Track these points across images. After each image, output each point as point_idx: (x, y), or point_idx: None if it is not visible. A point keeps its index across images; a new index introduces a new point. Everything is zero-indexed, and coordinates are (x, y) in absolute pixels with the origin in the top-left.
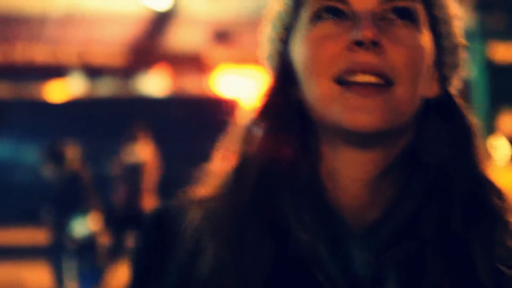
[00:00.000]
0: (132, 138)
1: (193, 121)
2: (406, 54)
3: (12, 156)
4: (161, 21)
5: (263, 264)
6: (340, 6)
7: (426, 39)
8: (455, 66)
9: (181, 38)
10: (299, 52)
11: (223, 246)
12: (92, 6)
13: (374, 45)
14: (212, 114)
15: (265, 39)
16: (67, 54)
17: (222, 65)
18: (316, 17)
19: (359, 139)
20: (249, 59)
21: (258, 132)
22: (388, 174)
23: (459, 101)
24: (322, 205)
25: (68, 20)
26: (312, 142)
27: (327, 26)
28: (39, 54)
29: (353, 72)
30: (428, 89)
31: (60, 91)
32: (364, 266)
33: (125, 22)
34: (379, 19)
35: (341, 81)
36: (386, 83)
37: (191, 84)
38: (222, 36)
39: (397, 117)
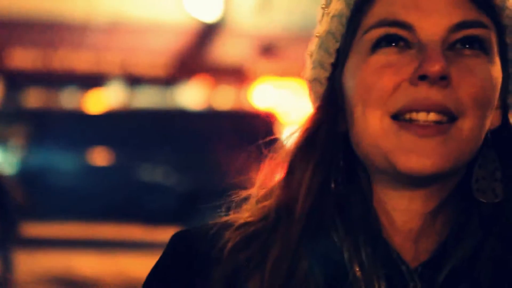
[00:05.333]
0: None
1: (231, 135)
2: (476, 86)
3: (49, 163)
4: (207, 33)
5: None
6: (405, 34)
7: (496, 69)
8: None
9: (225, 50)
10: (353, 80)
11: (273, 278)
12: (138, 15)
13: (442, 79)
14: (250, 128)
15: (312, 60)
16: (109, 62)
17: (264, 78)
18: (377, 44)
19: (412, 180)
20: (292, 72)
21: (302, 164)
22: (442, 209)
23: None
24: (378, 241)
25: (112, 28)
26: (361, 175)
27: (389, 55)
28: (81, 62)
29: (414, 109)
30: (491, 120)
31: (100, 100)
32: None
33: (171, 32)
34: (447, 49)
35: (399, 118)
36: (449, 119)
37: (231, 97)
38: (267, 49)
39: (459, 157)
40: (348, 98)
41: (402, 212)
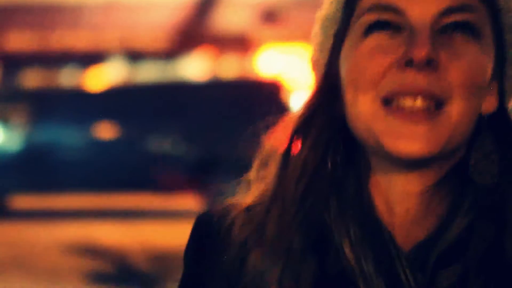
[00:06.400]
0: None
1: (236, 105)
2: (464, 70)
3: (56, 139)
4: (207, 4)
5: (306, 278)
6: (396, 19)
7: (487, 53)
8: None
9: (227, 18)
10: (347, 63)
11: (267, 257)
12: None
13: (428, 64)
14: (257, 96)
15: (314, 43)
16: (108, 40)
17: (268, 44)
18: (370, 28)
19: (404, 162)
20: (296, 37)
21: (299, 144)
22: (437, 189)
23: None
24: (370, 221)
25: (109, 7)
26: (359, 155)
27: (381, 39)
28: (79, 41)
29: (401, 94)
30: (485, 104)
31: (101, 77)
32: (412, 285)
33: (170, 5)
34: (438, 33)
35: (388, 103)
36: (437, 105)
37: (235, 66)
38: (270, 15)
39: (448, 140)
40: (343, 81)
41: (398, 193)
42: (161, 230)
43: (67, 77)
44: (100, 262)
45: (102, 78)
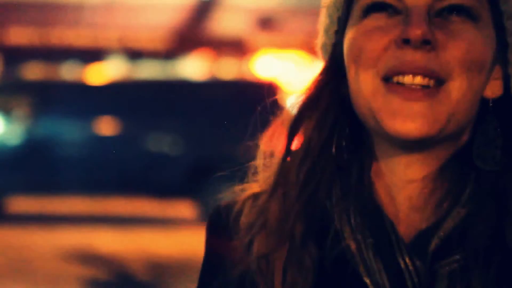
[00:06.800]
0: None
1: (232, 105)
2: (462, 49)
3: (54, 134)
4: (205, 8)
5: (308, 263)
6: (393, 2)
7: (485, 34)
8: None
9: (224, 24)
10: (347, 42)
11: (271, 241)
12: None
13: (425, 43)
14: (253, 96)
15: (321, 29)
16: (108, 38)
17: (263, 50)
18: (368, 10)
19: (402, 143)
20: (290, 44)
21: (304, 124)
22: (439, 176)
23: None
24: (371, 209)
25: (109, 7)
26: (364, 140)
27: (379, 19)
28: (79, 38)
29: (400, 72)
30: (489, 88)
31: (100, 73)
32: (412, 272)
33: (169, 8)
34: (434, 15)
35: (388, 80)
36: (436, 83)
37: (232, 69)
38: (266, 22)
39: (448, 120)
40: (345, 60)
41: (400, 180)
42: (158, 237)
43: (67, 72)
44: (97, 269)
45: (101, 75)
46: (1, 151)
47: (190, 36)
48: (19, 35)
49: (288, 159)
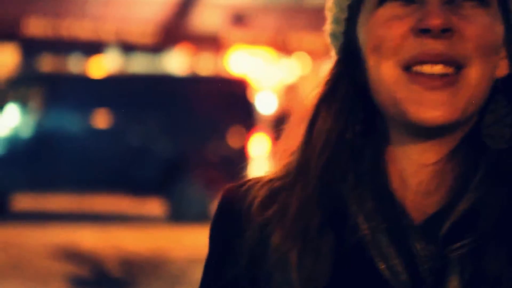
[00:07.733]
0: None
1: (208, 99)
2: (478, 35)
3: (57, 125)
4: (186, 3)
5: (326, 252)
6: None
7: (497, 20)
8: None
9: (203, 19)
10: (364, 32)
11: (289, 237)
12: None
13: (443, 31)
14: (226, 93)
15: (329, 16)
16: (107, 31)
17: (236, 46)
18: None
19: (423, 130)
20: (260, 41)
21: (323, 115)
22: (450, 159)
23: None
24: (384, 194)
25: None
26: (378, 126)
27: (394, 8)
28: (84, 30)
29: (421, 61)
30: (498, 69)
31: (99, 66)
32: (424, 257)
33: (156, 3)
34: (446, 2)
35: (409, 69)
36: (456, 69)
37: (209, 63)
38: (239, 18)
39: (467, 104)
40: (363, 49)
41: (413, 165)
42: (132, 234)
43: (73, 64)
44: (77, 266)
45: (100, 67)
46: (12, 145)
47: (173, 31)
48: (35, 26)
49: (305, 149)
